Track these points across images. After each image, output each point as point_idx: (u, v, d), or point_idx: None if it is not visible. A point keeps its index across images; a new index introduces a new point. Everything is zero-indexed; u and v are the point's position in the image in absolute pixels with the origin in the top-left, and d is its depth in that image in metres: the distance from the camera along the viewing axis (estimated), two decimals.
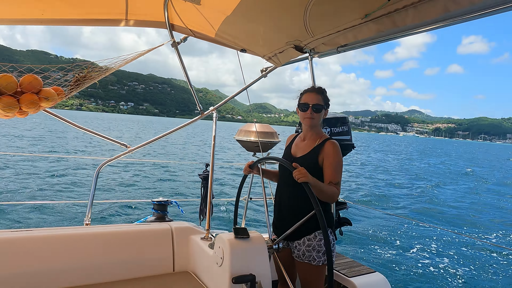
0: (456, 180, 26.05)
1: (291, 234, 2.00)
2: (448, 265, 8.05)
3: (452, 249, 9.16)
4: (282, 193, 2.21)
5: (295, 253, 2.11)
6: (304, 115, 2.14)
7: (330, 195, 1.96)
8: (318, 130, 2.20)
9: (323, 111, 2.15)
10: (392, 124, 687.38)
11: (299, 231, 2.05)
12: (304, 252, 2.06)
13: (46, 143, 29.00)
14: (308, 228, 2.04)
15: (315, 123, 2.14)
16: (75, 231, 2.20)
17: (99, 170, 2.70)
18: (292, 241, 2.14)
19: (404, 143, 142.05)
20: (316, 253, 2.03)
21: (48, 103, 1.88)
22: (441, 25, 1.94)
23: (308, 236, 2.06)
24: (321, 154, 2.07)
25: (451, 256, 8.69)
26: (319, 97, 2.14)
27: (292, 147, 2.28)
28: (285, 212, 2.16)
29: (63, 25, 2.11)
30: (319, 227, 2.01)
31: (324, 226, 1.63)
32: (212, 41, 2.59)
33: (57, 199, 10.78)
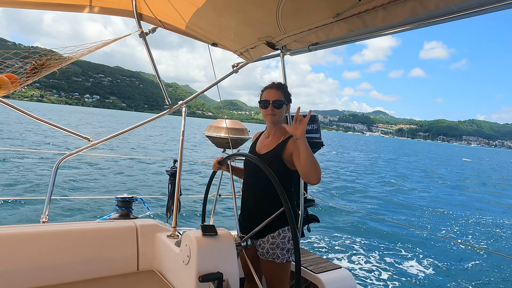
0: (422, 178, 27.33)
1: (257, 232, 1.99)
2: (412, 260, 8.45)
3: (417, 245, 9.60)
4: (247, 191, 2.20)
5: (259, 251, 2.10)
6: (265, 112, 2.13)
7: (316, 165, 1.87)
8: (282, 127, 2.17)
9: (284, 107, 2.13)
10: (358, 124, 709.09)
11: (263, 229, 2.03)
12: (268, 250, 2.05)
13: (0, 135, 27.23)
14: (272, 225, 2.03)
15: (276, 119, 2.13)
16: (31, 229, 2.06)
17: (58, 165, 2.54)
18: (256, 239, 2.13)
19: (374, 142, 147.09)
20: (280, 250, 2.03)
21: (1, 91, 1.74)
22: (409, 27, 2.01)
23: (272, 234, 2.05)
24: (286, 150, 2.05)
25: (415, 251, 9.12)
26: (279, 93, 2.12)
27: (257, 144, 2.26)
28: (251, 211, 2.15)
29: (22, 7, 1.96)
30: (282, 224, 2.05)
31: (293, 224, 1.62)
32: (183, 33, 2.52)
33: (11, 195, 10.10)
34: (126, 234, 2.32)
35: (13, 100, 9.82)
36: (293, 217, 1.63)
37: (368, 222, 11.26)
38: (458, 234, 11.44)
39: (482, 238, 11.18)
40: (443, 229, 11.80)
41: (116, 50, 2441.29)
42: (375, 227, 10.85)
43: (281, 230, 2.05)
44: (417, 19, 1.90)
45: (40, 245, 2.01)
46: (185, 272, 1.84)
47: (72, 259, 2.09)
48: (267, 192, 2.02)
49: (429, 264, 8.26)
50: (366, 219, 11.48)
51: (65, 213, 8.65)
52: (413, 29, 2.05)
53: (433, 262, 8.40)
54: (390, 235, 10.21)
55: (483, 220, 13.83)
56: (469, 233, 11.71)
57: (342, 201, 14.76)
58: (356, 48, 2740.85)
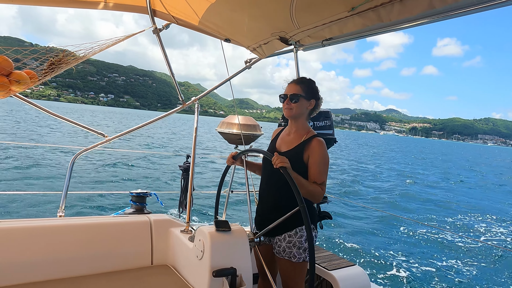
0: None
1: (273, 229, 1.97)
2: (426, 258, 8.29)
3: (430, 243, 9.43)
4: (264, 188, 2.17)
5: (276, 249, 2.08)
6: (283, 106, 2.11)
7: (311, 193, 1.91)
8: (304, 124, 2.13)
9: (305, 102, 2.07)
10: (371, 123, 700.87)
11: (280, 227, 2.01)
12: (284, 249, 2.02)
13: (17, 131, 27.89)
14: (289, 224, 2.00)
15: (294, 114, 2.07)
16: (48, 223, 2.10)
17: (74, 160, 2.59)
18: (273, 237, 2.10)
19: (395, 141, 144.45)
20: (297, 249, 1.99)
21: (20, 86, 1.77)
22: (425, 21, 1.97)
23: (289, 233, 2.02)
24: (307, 151, 2.00)
25: (428, 249, 8.95)
26: (298, 87, 2.07)
27: (277, 141, 2.22)
28: (267, 208, 2.12)
29: (37, 4, 2.00)
30: (300, 223, 2.01)
31: (308, 224, 1.60)
32: (196, 29, 2.52)
33: (29, 189, 10.34)
34: (140, 228, 2.35)
35: (32, 99, 10.18)
36: (308, 217, 1.60)
37: (381, 219, 11.11)
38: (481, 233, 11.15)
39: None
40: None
41: (128, 49, 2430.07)
42: (389, 224, 10.70)
43: (298, 229, 2.01)
44: (433, 12, 1.86)
45: (57, 239, 2.06)
46: (198, 267, 1.85)
47: (87, 253, 2.12)
48: (284, 189, 1.98)
49: (448, 263, 8.09)
50: (382, 217, 11.33)
51: (81, 208, 8.83)
52: (429, 23, 2.00)
53: (453, 261, 8.23)
54: (405, 233, 10.05)
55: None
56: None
57: (354, 198, 14.62)
58: (367, 45, 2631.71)
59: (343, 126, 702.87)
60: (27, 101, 2.28)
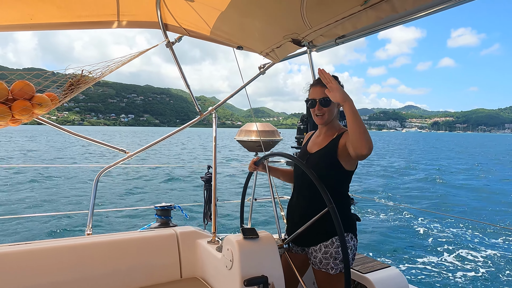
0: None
1: (307, 239, 1.90)
2: (466, 255, 7.91)
3: (469, 238, 9.00)
4: (297, 195, 2.07)
5: (312, 259, 1.96)
6: (313, 112, 1.98)
7: (365, 131, 1.62)
8: (335, 124, 2.00)
9: (333, 103, 1.94)
10: (390, 121, 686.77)
11: (315, 236, 1.91)
12: (321, 260, 1.89)
13: (41, 154, 28.97)
14: (325, 233, 1.89)
15: (327, 119, 1.96)
16: (77, 242, 2.13)
17: (98, 178, 2.63)
18: (308, 247, 1.99)
19: (423, 138, 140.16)
20: (333, 260, 1.86)
21: (42, 109, 1.82)
22: (441, 7, 1.89)
23: (324, 243, 1.89)
24: (340, 144, 1.86)
25: (468, 245, 8.53)
26: (324, 89, 1.89)
27: (309, 143, 2.12)
28: (300, 215, 2.00)
29: (53, 29, 2.06)
30: (335, 232, 1.85)
31: (339, 226, 1.53)
32: (208, 40, 2.54)
33: (57, 210, 10.68)
34: (167, 242, 2.34)
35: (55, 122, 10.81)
36: (339, 218, 1.53)
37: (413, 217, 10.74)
38: None
39: None
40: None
41: (143, 69, 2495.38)
42: (422, 222, 10.32)
43: (334, 239, 1.87)
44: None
45: (86, 257, 2.07)
46: (229, 277, 1.81)
47: (117, 269, 2.13)
48: (318, 195, 1.80)
49: (495, 265, 7.63)
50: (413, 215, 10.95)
51: (107, 224, 9.01)
52: (445, 9, 1.93)
53: (493, 258, 7.79)
54: (440, 231, 9.64)
55: None
56: None
57: (382, 198, 14.24)
58: (379, 43, 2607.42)
59: None
60: (49, 123, 2.34)
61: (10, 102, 1.70)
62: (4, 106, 1.68)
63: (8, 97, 1.71)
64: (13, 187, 14.04)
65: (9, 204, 11.41)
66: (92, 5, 2.02)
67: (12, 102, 1.71)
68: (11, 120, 1.75)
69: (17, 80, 1.74)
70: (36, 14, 1.95)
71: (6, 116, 1.70)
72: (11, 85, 1.75)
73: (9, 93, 1.71)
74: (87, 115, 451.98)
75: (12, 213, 10.11)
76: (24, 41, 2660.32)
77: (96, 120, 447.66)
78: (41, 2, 1.88)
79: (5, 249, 1.93)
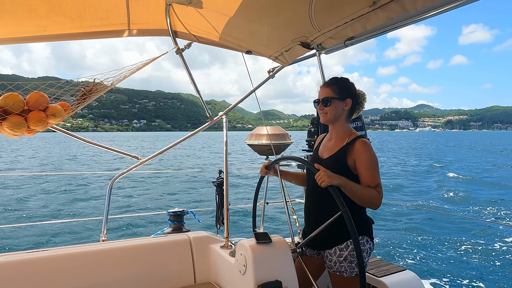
0: None
1: (322, 242, 1.89)
2: (481, 259, 7.71)
3: (489, 239, 8.79)
4: (309, 198, 2.07)
5: (327, 263, 1.96)
6: (318, 112, 2.03)
7: (368, 199, 1.74)
8: (345, 127, 2.00)
9: (339, 103, 1.95)
10: (402, 121, 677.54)
11: (330, 240, 1.90)
12: (335, 263, 1.89)
13: (55, 161, 29.53)
14: (339, 236, 1.88)
15: (329, 118, 1.97)
16: (92, 248, 2.16)
17: (112, 185, 2.66)
18: (323, 250, 1.98)
19: (436, 138, 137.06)
20: (348, 263, 1.85)
21: (56, 119, 1.86)
22: (453, 5, 1.86)
23: (339, 246, 1.88)
24: (351, 154, 1.86)
25: (488, 246, 8.32)
26: (329, 90, 1.97)
27: (320, 148, 2.11)
28: (314, 219, 2.00)
29: (66, 40, 2.10)
30: (350, 236, 1.82)
31: (353, 230, 1.51)
32: (217, 45, 2.55)
33: (71, 217, 10.88)
34: (180, 247, 2.35)
35: (72, 131, 10.90)
36: (352, 222, 1.52)
37: (429, 219, 10.54)
38: None
39: None
40: None
41: (153, 75, 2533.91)
42: (439, 224, 10.12)
43: (349, 242, 1.86)
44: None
45: (102, 263, 2.10)
46: (243, 282, 1.80)
47: (131, 275, 2.15)
48: (331, 197, 1.78)
49: (506, 262, 7.47)
50: (429, 217, 10.74)
51: (122, 231, 9.12)
52: (457, 8, 1.89)
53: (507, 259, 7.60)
54: (458, 232, 9.43)
55: None
56: None
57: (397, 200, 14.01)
58: (388, 42, 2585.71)
59: (374, 127, 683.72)
60: (63, 132, 2.39)
61: (25, 113, 1.74)
62: (20, 117, 1.72)
63: (24, 108, 1.75)
64: (25, 195, 14.34)
65: (25, 211, 11.66)
66: (103, 15, 2.06)
67: (28, 113, 1.75)
68: (27, 130, 1.79)
69: (32, 91, 1.79)
70: (50, 26, 1.99)
71: (22, 127, 1.74)
72: (26, 95, 1.80)
73: (24, 105, 1.76)
74: (101, 122, 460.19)
75: (27, 221, 10.32)
76: (38, 51, 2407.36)
77: (109, 126, 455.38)
78: (54, 14, 1.93)
79: (21, 257, 1.97)
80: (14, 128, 1.74)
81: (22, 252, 2.05)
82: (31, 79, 13.92)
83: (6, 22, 1.88)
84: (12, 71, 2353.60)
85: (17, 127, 1.74)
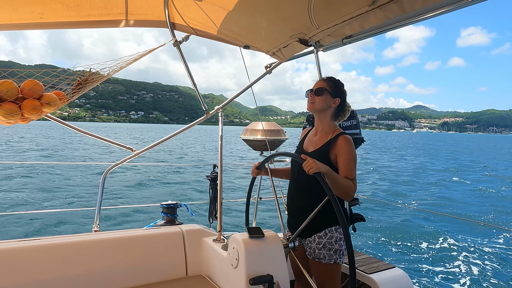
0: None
1: (303, 230, 1.93)
2: (470, 257, 7.80)
3: (473, 240, 8.88)
4: (295, 190, 2.14)
5: (307, 250, 2.06)
6: (307, 101, 2.11)
7: (346, 189, 1.86)
8: (330, 123, 2.12)
9: (329, 97, 2.07)
10: (399, 121, 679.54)
11: (310, 228, 1.99)
12: (314, 250, 2.00)
13: (48, 151, 29.31)
14: (318, 225, 1.98)
15: (316, 107, 2.07)
16: (84, 238, 2.16)
17: (105, 176, 2.66)
18: (304, 238, 2.08)
19: (444, 140, 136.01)
20: (327, 251, 1.96)
21: (50, 108, 1.85)
22: (451, 7, 1.87)
23: (318, 234, 2.00)
24: (334, 149, 1.98)
25: (473, 247, 8.41)
26: (324, 83, 2.10)
27: (305, 141, 2.21)
28: (298, 210, 2.09)
29: (63, 28, 2.09)
30: (329, 224, 1.98)
31: (340, 213, 1.55)
32: (215, 39, 2.54)
33: (64, 207, 10.82)
34: (173, 239, 2.36)
35: (69, 121, 10.69)
36: (339, 205, 1.57)
37: (417, 219, 10.63)
38: None
39: None
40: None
41: (151, 66, 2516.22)
42: (426, 223, 10.20)
43: (327, 230, 1.98)
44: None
45: (93, 253, 2.10)
46: (234, 276, 1.82)
47: (123, 266, 2.15)
48: (314, 189, 1.97)
49: (493, 260, 7.56)
50: (417, 216, 10.84)
51: (114, 222, 9.10)
52: (456, 10, 1.90)
53: (498, 258, 7.68)
54: (444, 232, 9.53)
55: None
56: None
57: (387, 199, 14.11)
58: (386, 42, 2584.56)
59: (370, 127, 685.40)
60: (58, 121, 2.38)
61: (20, 101, 1.73)
62: (14, 105, 1.71)
63: (18, 96, 1.74)
64: (19, 183, 14.26)
65: (16, 200, 11.60)
66: (101, 4, 2.05)
67: (22, 101, 1.74)
68: (21, 118, 1.78)
69: (27, 79, 1.78)
70: (46, 13, 1.98)
71: (16, 115, 1.73)
72: (21, 82, 1.78)
73: (19, 92, 1.74)
74: (98, 112, 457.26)
75: (19, 209, 10.26)
76: (34, 38, 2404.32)
77: (106, 116, 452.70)
78: (51, 2, 1.91)
79: (13, 245, 1.96)
80: (8, 116, 1.73)
81: (13, 241, 2.04)
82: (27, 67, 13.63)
83: (2, 8, 1.87)
84: (7, 58, 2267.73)
85: (10, 115, 1.73)
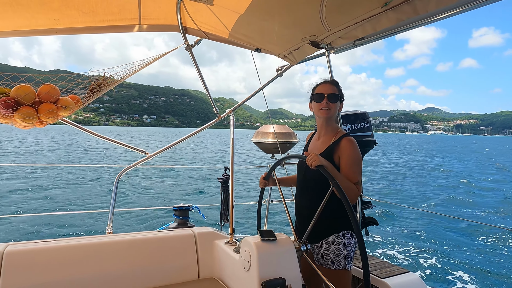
0: None
1: (311, 236, 1.91)
2: (487, 259, 7.61)
3: (490, 242, 8.68)
4: (302, 194, 2.12)
5: (315, 256, 2.03)
6: (319, 106, 2.03)
7: (346, 191, 1.78)
8: (334, 125, 2.09)
9: (339, 103, 2.06)
10: (411, 123, 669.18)
11: (317, 233, 1.96)
12: (322, 256, 1.97)
13: (63, 154, 29.85)
14: (326, 230, 1.95)
15: (331, 115, 2.03)
16: (98, 240, 2.18)
17: (119, 178, 2.69)
18: (311, 244, 2.04)
19: (465, 143, 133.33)
20: (335, 257, 1.93)
21: (66, 112, 1.89)
22: (465, 8, 1.84)
23: (325, 239, 1.96)
24: (337, 152, 1.95)
25: (489, 249, 8.22)
26: (334, 87, 2.05)
27: (309, 146, 2.19)
28: (306, 215, 2.06)
29: (78, 33, 2.13)
30: (336, 229, 1.95)
31: (346, 201, 1.53)
32: (226, 42, 2.56)
33: (78, 209, 11.00)
34: (185, 242, 2.37)
35: (84, 125, 10.94)
36: (344, 193, 1.55)
37: (432, 222, 10.43)
38: None
39: None
40: None
41: (161, 71, 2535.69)
42: (441, 226, 10.00)
43: (335, 235, 1.94)
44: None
45: (106, 255, 2.13)
46: (247, 279, 1.81)
47: (135, 268, 2.17)
48: (320, 195, 1.91)
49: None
50: (432, 219, 10.63)
51: (127, 224, 9.20)
52: (469, 10, 1.87)
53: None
54: (460, 235, 9.32)
55: None
56: None
57: (401, 202, 13.87)
58: (397, 44, 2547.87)
59: (382, 129, 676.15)
60: (73, 124, 2.42)
61: (36, 105, 1.77)
62: (31, 108, 1.75)
63: (35, 100, 1.78)
64: (35, 186, 14.55)
65: (32, 203, 11.82)
66: (115, 10, 2.08)
67: (39, 105, 1.78)
68: (38, 122, 1.83)
69: (44, 84, 1.82)
70: (62, 19, 2.02)
71: (33, 119, 1.78)
72: (38, 87, 1.83)
73: (36, 96, 1.79)
74: (112, 116, 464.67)
75: (34, 212, 10.46)
76: (48, 44, 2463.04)
77: (120, 120, 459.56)
78: (67, 8, 1.96)
79: (28, 246, 2.00)
80: (25, 119, 1.78)
81: (29, 242, 2.08)
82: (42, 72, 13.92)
83: (20, 15, 1.92)
84: (22, 64, 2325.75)
85: (28, 118, 1.77)
